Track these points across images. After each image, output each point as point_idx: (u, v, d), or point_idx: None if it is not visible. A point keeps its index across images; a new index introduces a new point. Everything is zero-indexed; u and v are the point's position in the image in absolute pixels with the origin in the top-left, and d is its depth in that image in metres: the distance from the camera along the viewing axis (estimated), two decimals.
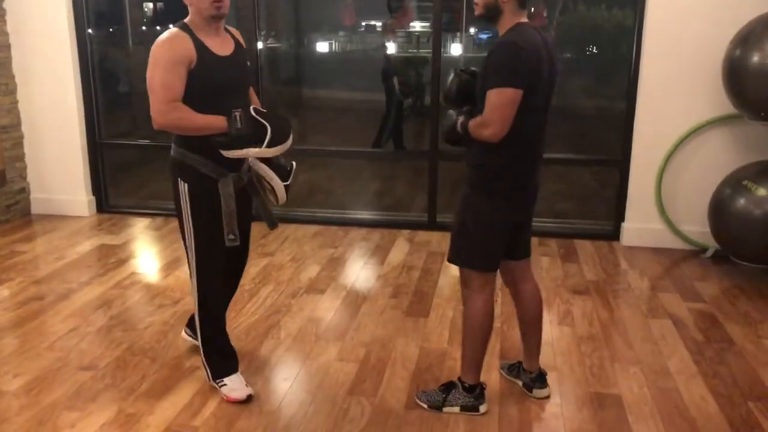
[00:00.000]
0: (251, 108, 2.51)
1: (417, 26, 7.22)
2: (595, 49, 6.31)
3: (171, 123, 2.46)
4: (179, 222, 2.66)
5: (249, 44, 3.70)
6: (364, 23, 7.75)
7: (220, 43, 2.57)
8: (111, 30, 6.60)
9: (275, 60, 7.79)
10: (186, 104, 2.45)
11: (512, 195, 2.55)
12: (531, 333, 2.83)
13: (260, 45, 5.22)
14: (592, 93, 6.32)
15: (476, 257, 2.60)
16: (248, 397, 2.74)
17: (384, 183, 6.52)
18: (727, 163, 4.35)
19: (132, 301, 3.76)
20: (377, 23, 7.69)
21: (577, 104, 6.30)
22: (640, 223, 4.69)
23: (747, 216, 4.02)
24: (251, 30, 4.98)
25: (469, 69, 2.57)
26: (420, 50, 7.04)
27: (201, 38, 2.50)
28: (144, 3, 7.44)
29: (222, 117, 2.46)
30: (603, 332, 3.42)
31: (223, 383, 2.78)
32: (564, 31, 6.26)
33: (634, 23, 4.52)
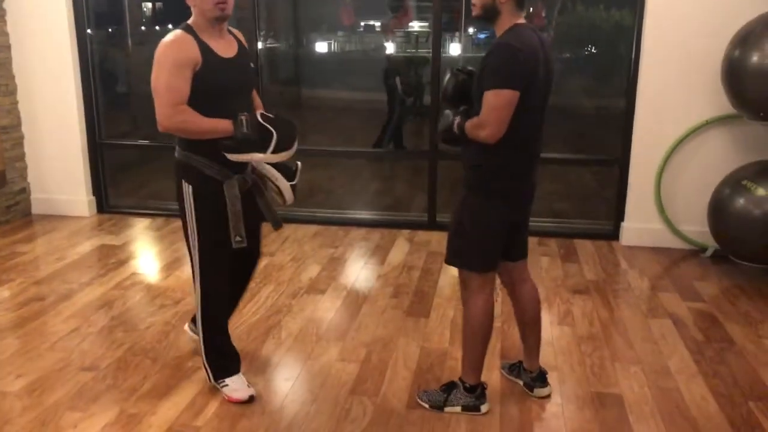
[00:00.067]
0: (258, 113, 2.50)
1: (416, 26, 7.23)
2: (594, 49, 6.31)
3: (176, 126, 2.45)
4: (183, 223, 2.65)
5: (249, 45, 3.71)
6: (363, 23, 7.75)
7: (224, 45, 2.55)
8: (110, 30, 6.59)
9: (274, 60, 7.79)
10: (190, 107, 2.44)
11: (509, 195, 2.55)
12: (530, 333, 2.84)
13: (260, 45, 5.22)
14: (592, 93, 6.33)
15: (474, 258, 2.60)
16: (250, 398, 2.75)
17: (384, 183, 6.53)
18: (727, 163, 4.36)
19: (133, 302, 3.76)
20: (376, 23, 7.70)
21: (577, 104, 6.31)
22: (640, 223, 4.70)
23: (746, 216, 4.03)
24: (251, 30, 4.98)
25: (466, 68, 2.57)
26: (419, 50, 7.05)
27: (205, 40, 2.48)
28: (143, 3, 7.43)
29: (227, 120, 2.45)
30: (603, 332, 3.43)
31: (225, 384, 2.78)
32: (563, 31, 6.26)
33: (634, 23, 4.53)
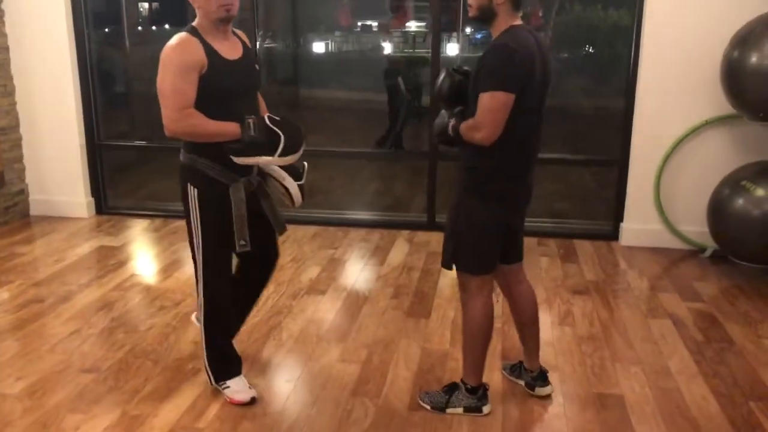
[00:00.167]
0: (266, 116, 2.49)
1: (413, 26, 7.22)
2: (592, 49, 6.32)
3: (184, 130, 2.43)
4: (187, 226, 2.64)
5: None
6: (360, 23, 7.75)
7: (229, 47, 2.54)
8: (107, 30, 6.57)
9: (272, 60, 7.77)
10: (196, 110, 2.42)
11: (505, 197, 2.55)
12: (529, 333, 2.84)
13: (258, 45, 5.22)
14: (591, 93, 6.33)
15: (470, 260, 2.60)
16: (252, 400, 2.74)
17: (383, 183, 6.52)
18: (726, 164, 4.37)
19: (133, 303, 3.76)
20: (373, 23, 7.69)
21: (576, 104, 6.31)
22: (639, 224, 4.71)
23: (746, 216, 4.04)
24: (251, 31, 4.97)
25: (462, 68, 2.55)
26: (416, 50, 7.04)
27: (210, 42, 2.46)
28: (139, 3, 7.41)
29: (235, 123, 2.44)
30: (603, 332, 3.43)
31: (226, 386, 2.77)
32: (561, 32, 6.26)
33: (633, 23, 4.54)
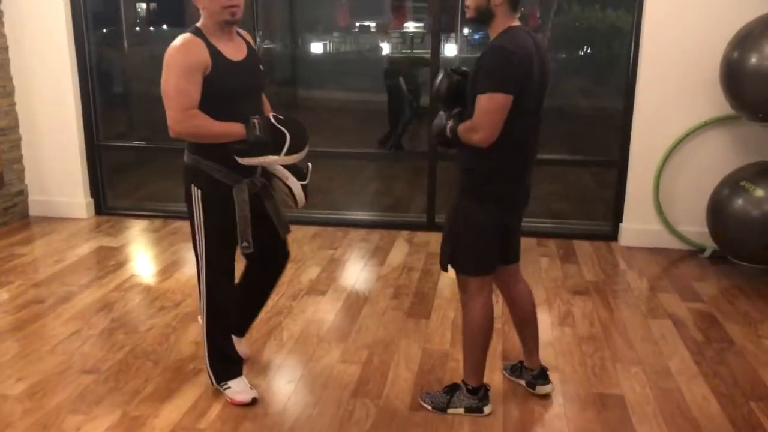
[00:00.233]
0: (270, 115, 2.49)
1: (410, 27, 7.22)
2: (591, 50, 6.32)
3: (188, 131, 2.43)
4: (191, 227, 2.63)
5: None
6: (358, 24, 7.74)
7: (234, 48, 2.53)
8: (105, 31, 6.56)
9: (270, 61, 7.77)
10: (200, 110, 2.41)
11: (503, 198, 2.55)
12: (528, 332, 2.85)
13: (257, 46, 5.21)
14: (590, 93, 6.34)
15: (468, 261, 2.60)
16: (253, 400, 2.74)
17: (383, 184, 6.52)
18: (725, 164, 4.37)
19: (133, 304, 3.76)
20: (371, 24, 7.69)
21: (574, 105, 6.32)
22: (638, 224, 4.71)
23: (745, 216, 4.05)
24: (251, 32, 4.95)
25: (460, 69, 2.55)
26: (414, 51, 7.04)
27: (214, 43, 2.46)
28: (137, 3, 7.40)
29: (239, 124, 2.43)
30: (604, 332, 3.44)
31: (227, 386, 2.77)
32: (559, 32, 6.27)
33: (632, 24, 4.54)
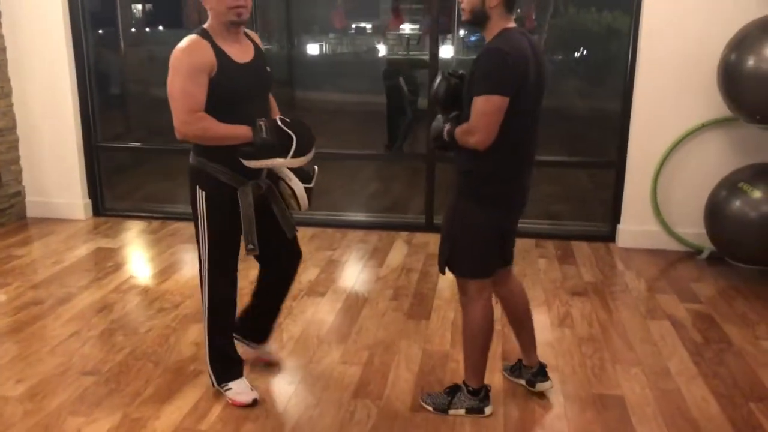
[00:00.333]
0: (277, 117, 2.48)
1: (407, 28, 7.23)
2: (587, 52, 6.34)
3: (194, 133, 2.42)
4: (195, 227, 2.63)
5: None
6: (354, 25, 7.75)
7: (240, 50, 2.53)
8: (101, 32, 6.56)
9: (268, 62, 7.76)
10: (206, 113, 2.40)
11: (500, 200, 2.55)
12: (523, 329, 2.85)
13: None
14: (587, 95, 6.36)
15: (466, 264, 2.60)
16: (254, 401, 2.74)
17: (381, 185, 6.52)
18: (723, 166, 4.39)
19: (132, 305, 3.75)
20: (367, 25, 7.70)
21: (572, 106, 6.33)
22: (636, 225, 4.73)
23: (743, 218, 4.06)
24: None
25: (457, 72, 2.55)
26: (410, 52, 7.05)
27: (220, 45, 2.45)
28: (133, 4, 7.39)
29: (246, 126, 2.42)
30: (603, 333, 3.45)
31: (228, 387, 2.77)
32: (556, 34, 6.29)
33: (630, 26, 4.55)
